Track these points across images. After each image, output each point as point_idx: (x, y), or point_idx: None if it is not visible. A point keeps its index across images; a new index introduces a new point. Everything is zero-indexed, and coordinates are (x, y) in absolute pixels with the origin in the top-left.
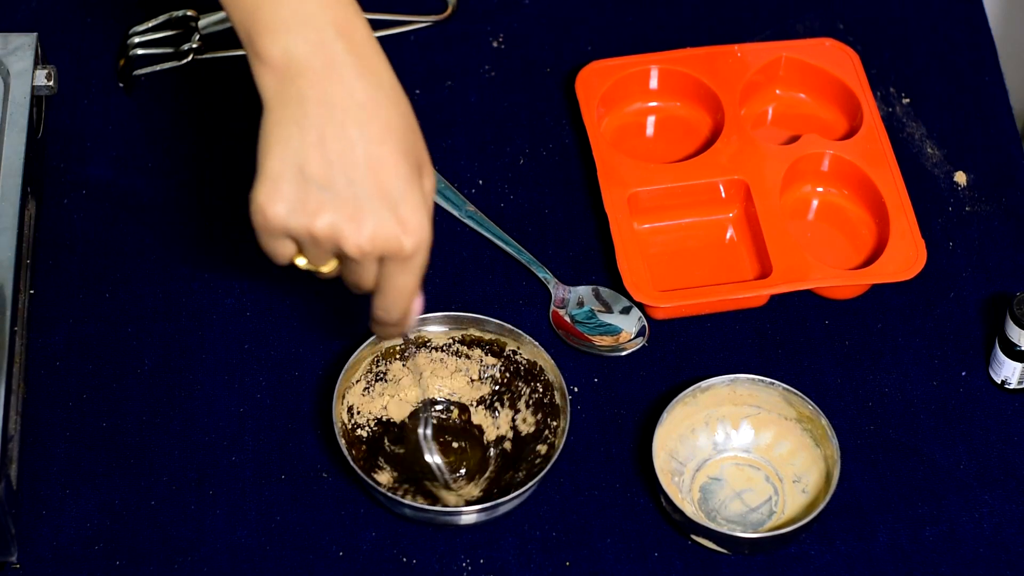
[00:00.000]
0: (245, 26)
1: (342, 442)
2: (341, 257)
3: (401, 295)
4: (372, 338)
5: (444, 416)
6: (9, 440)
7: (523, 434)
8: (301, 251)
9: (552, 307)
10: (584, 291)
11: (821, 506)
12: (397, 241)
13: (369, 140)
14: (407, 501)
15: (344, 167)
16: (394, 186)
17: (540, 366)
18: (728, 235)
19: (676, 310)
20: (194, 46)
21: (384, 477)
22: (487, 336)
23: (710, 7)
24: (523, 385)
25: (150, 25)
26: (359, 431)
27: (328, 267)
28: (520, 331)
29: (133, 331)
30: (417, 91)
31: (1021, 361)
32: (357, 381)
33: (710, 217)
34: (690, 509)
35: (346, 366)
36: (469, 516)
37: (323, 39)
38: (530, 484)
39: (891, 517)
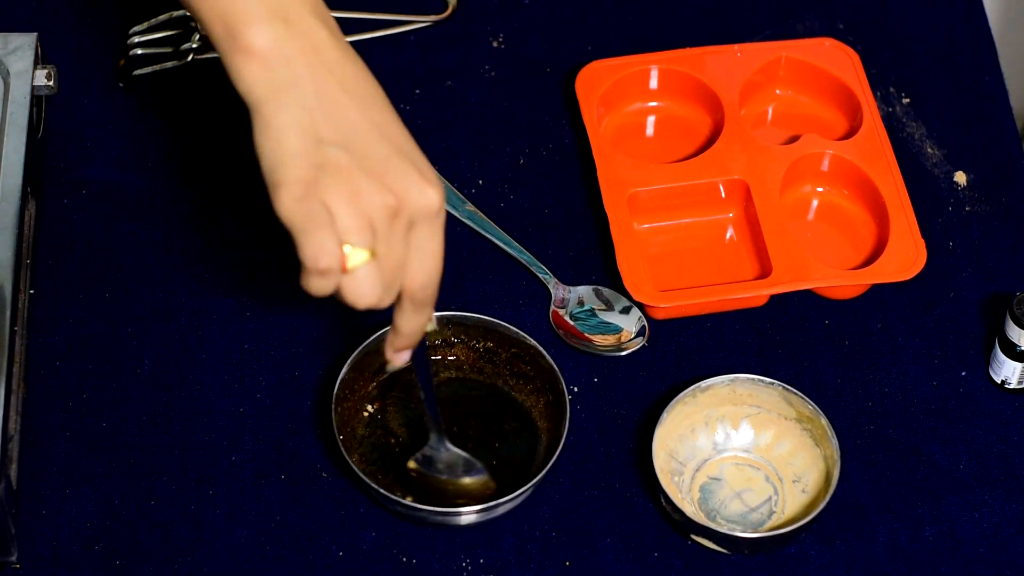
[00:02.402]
0: (224, 21)
1: (340, 441)
2: (376, 232)
3: (434, 260)
4: (371, 338)
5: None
6: (9, 440)
7: (520, 432)
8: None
9: (552, 307)
10: (584, 291)
11: (821, 506)
12: (424, 193)
13: (370, 111)
14: (407, 501)
15: (356, 135)
16: (406, 147)
17: (539, 366)
18: (728, 235)
19: (676, 310)
20: (194, 46)
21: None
22: (485, 336)
23: (710, 7)
24: (522, 385)
25: (150, 25)
26: (359, 430)
27: (369, 246)
28: (519, 331)
29: (133, 331)
30: (417, 91)
31: (1021, 361)
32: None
33: (710, 217)
34: (690, 509)
35: (345, 367)
36: (468, 516)
37: (307, 26)
38: (530, 484)
39: (891, 517)
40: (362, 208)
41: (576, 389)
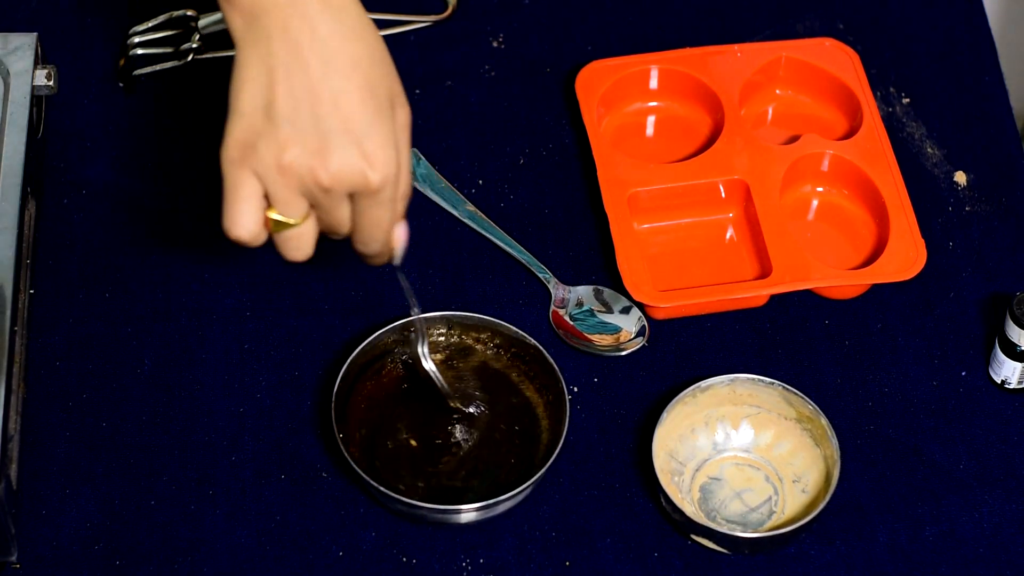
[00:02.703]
0: None
1: (340, 441)
2: (311, 200)
3: (376, 228)
4: (371, 338)
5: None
6: (9, 440)
7: (520, 432)
8: (268, 202)
9: (552, 307)
10: (584, 291)
11: (821, 506)
12: (363, 176)
13: (334, 75)
14: (406, 499)
15: (310, 102)
16: (359, 120)
17: (540, 365)
18: (728, 235)
19: (676, 310)
20: (194, 46)
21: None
22: (486, 336)
23: (710, 7)
24: (523, 385)
25: (150, 25)
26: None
27: (299, 216)
28: (520, 331)
29: (133, 331)
30: (417, 91)
31: (1021, 361)
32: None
33: (710, 217)
34: (690, 509)
35: (345, 366)
36: (468, 514)
37: None
38: (530, 483)
39: (891, 517)
40: (291, 182)
41: (576, 389)
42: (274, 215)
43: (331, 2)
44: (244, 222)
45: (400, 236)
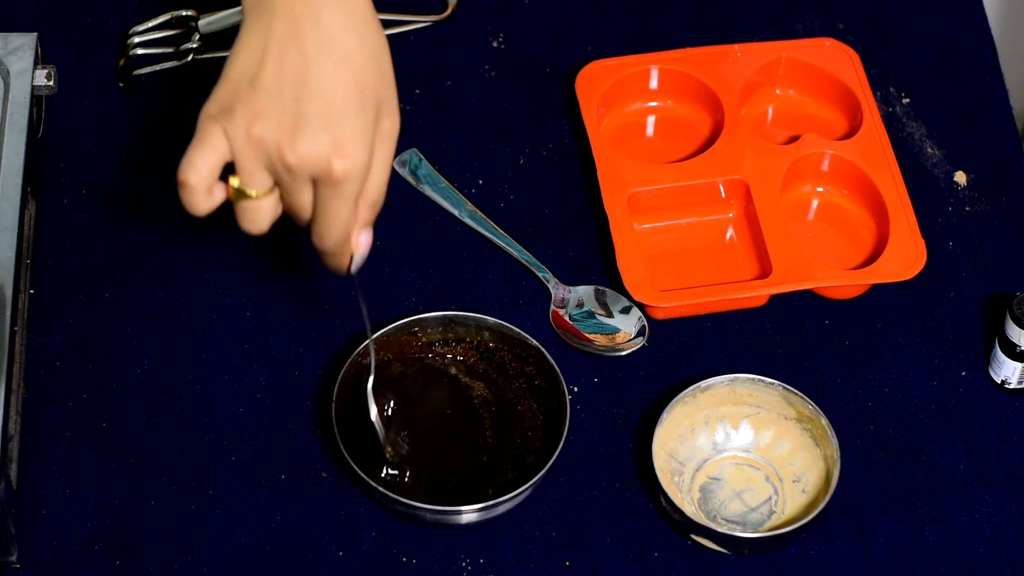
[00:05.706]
0: None
1: (340, 441)
2: (276, 177)
3: (333, 222)
4: (371, 338)
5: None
6: (9, 440)
7: (520, 432)
8: (234, 169)
9: (552, 307)
10: (584, 291)
11: (821, 506)
12: (327, 162)
13: (325, 62)
14: (405, 500)
15: (295, 82)
16: (339, 110)
17: (540, 366)
18: (728, 235)
19: (676, 310)
20: (194, 46)
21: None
22: (486, 336)
23: (710, 7)
24: (522, 384)
25: (150, 25)
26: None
27: (259, 189)
28: (520, 331)
29: (133, 331)
30: (417, 91)
31: (1021, 361)
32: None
33: (710, 217)
34: (690, 509)
35: (345, 366)
36: (469, 515)
37: None
38: (530, 484)
39: (891, 517)
40: (258, 154)
41: (576, 389)
42: (235, 183)
43: None
44: (197, 167)
45: (362, 243)
